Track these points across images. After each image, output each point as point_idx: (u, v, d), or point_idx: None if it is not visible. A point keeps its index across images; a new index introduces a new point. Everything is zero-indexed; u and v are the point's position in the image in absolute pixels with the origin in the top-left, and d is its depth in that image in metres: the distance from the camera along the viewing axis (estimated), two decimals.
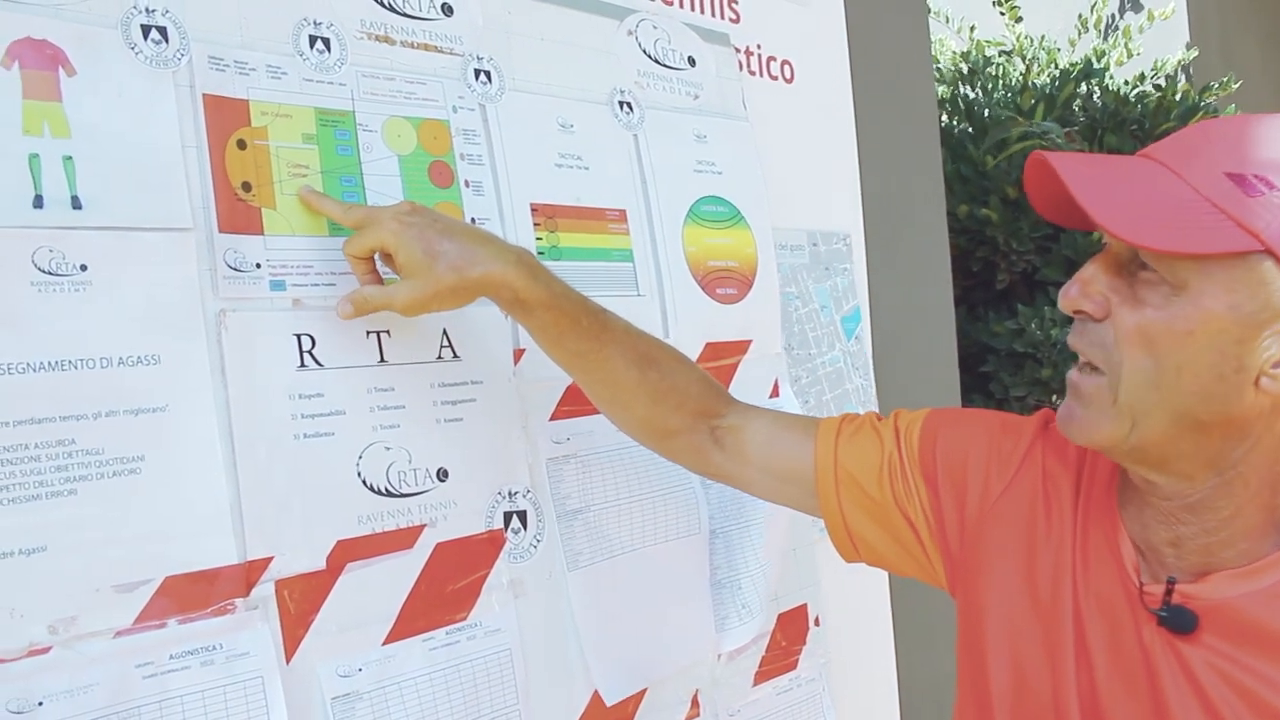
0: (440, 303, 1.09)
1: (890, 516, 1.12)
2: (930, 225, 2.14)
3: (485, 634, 1.21)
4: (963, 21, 3.74)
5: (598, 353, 1.16)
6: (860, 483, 1.12)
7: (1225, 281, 0.79)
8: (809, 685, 1.63)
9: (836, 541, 1.17)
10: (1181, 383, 0.82)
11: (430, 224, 1.08)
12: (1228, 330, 0.79)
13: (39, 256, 0.93)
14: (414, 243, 1.06)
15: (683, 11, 1.60)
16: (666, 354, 1.22)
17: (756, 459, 1.20)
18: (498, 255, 1.09)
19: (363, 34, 1.20)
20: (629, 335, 1.19)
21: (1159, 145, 0.85)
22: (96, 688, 0.93)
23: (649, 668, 1.38)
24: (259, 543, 1.04)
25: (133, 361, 0.98)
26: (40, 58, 0.96)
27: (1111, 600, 0.93)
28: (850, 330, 1.82)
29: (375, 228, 1.07)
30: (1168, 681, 0.88)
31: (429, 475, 1.18)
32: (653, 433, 1.24)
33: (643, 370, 1.18)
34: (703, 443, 1.22)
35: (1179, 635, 0.88)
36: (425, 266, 1.06)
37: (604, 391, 1.22)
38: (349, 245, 1.10)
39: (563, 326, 1.13)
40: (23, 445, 0.91)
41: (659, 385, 1.19)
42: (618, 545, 1.36)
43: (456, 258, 1.06)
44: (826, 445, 1.15)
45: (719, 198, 1.58)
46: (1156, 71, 3.66)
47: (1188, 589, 0.88)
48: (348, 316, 1.10)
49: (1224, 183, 0.79)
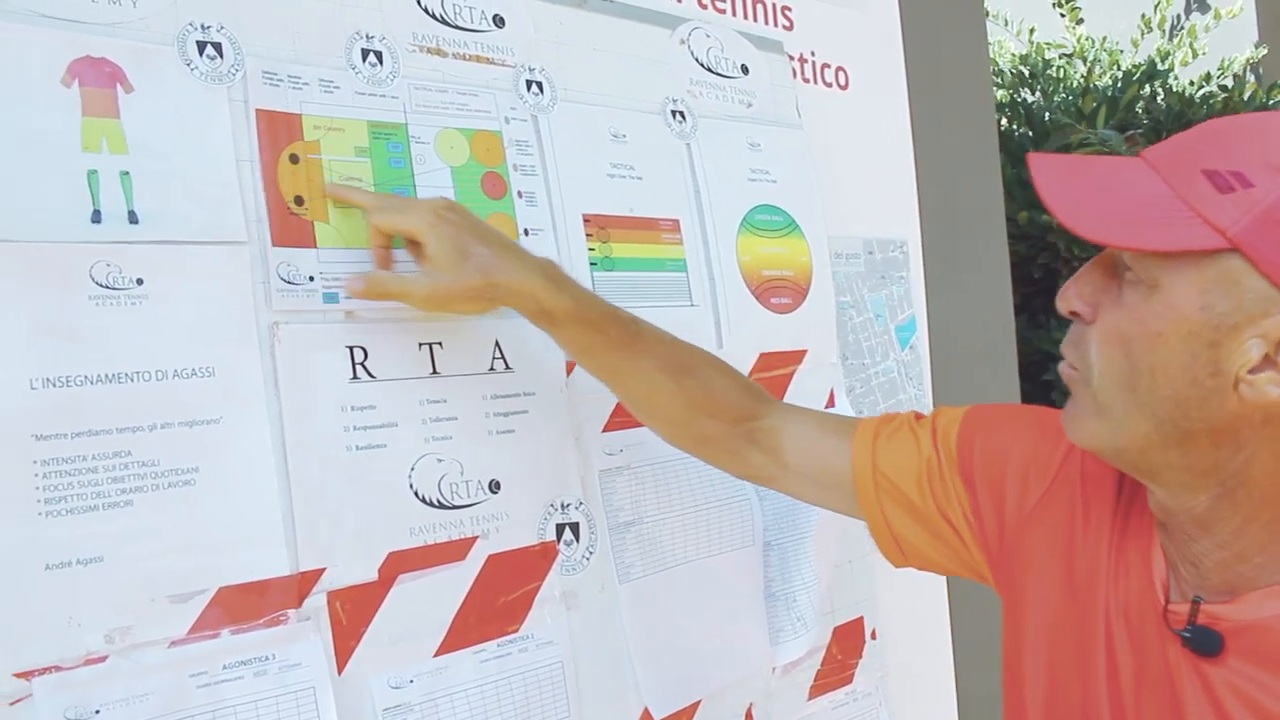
0: (460, 304, 1.09)
1: (932, 519, 1.10)
2: (989, 232, 2.11)
3: (537, 646, 1.20)
4: (1022, 24, 3.70)
5: (630, 363, 1.16)
6: (900, 487, 1.11)
7: (1197, 281, 0.76)
8: (865, 699, 1.61)
9: (882, 546, 1.15)
10: (1156, 386, 0.80)
11: (466, 225, 1.08)
12: (1198, 333, 0.77)
13: (96, 271, 0.95)
14: (448, 239, 1.06)
15: (735, 19, 1.59)
16: (702, 361, 1.21)
17: (794, 463, 1.18)
18: (525, 266, 1.09)
19: (414, 47, 1.20)
20: (662, 344, 1.18)
21: (1156, 146, 0.83)
22: (151, 696, 0.94)
23: (702, 681, 1.37)
24: (311, 554, 1.05)
25: (187, 374, 0.99)
26: (99, 75, 0.97)
27: (1140, 615, 0.91)
28: (905, 340, 1.80)
29: (411, 214, 1.07)
30: (1190, 704, 0.85)
31: (481, 487, 1.18)
32: (689, 439, 1.23)
33: (678, 379, 1.17)
34: (740, 445, 1.20)
35: (1203, 657, 0.85)
36: (454, 265, 1.06)
37: (639, 402, 1.21)
38: (378, 216, 1.09)
39: (591, 338, 1.13)
40: (80, 457, 0.92)
41: (694, 393, 1.17)
42: (671, 558, 1.35)
43: (486, 262, 1.07)
44: (864, 449, 1.13)
45: (773, 206, 1.57)
46: (1223, 71, 3.59)
47: (1216, 609, 0.85)
48: (357, 294, 1.09)
49: (1199, 180, 0.76)
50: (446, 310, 1.11)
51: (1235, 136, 0.79)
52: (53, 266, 0.92)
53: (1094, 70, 3.46)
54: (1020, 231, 2.88)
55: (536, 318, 1.12)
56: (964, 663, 1.87)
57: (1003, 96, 3.33)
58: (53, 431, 0.91)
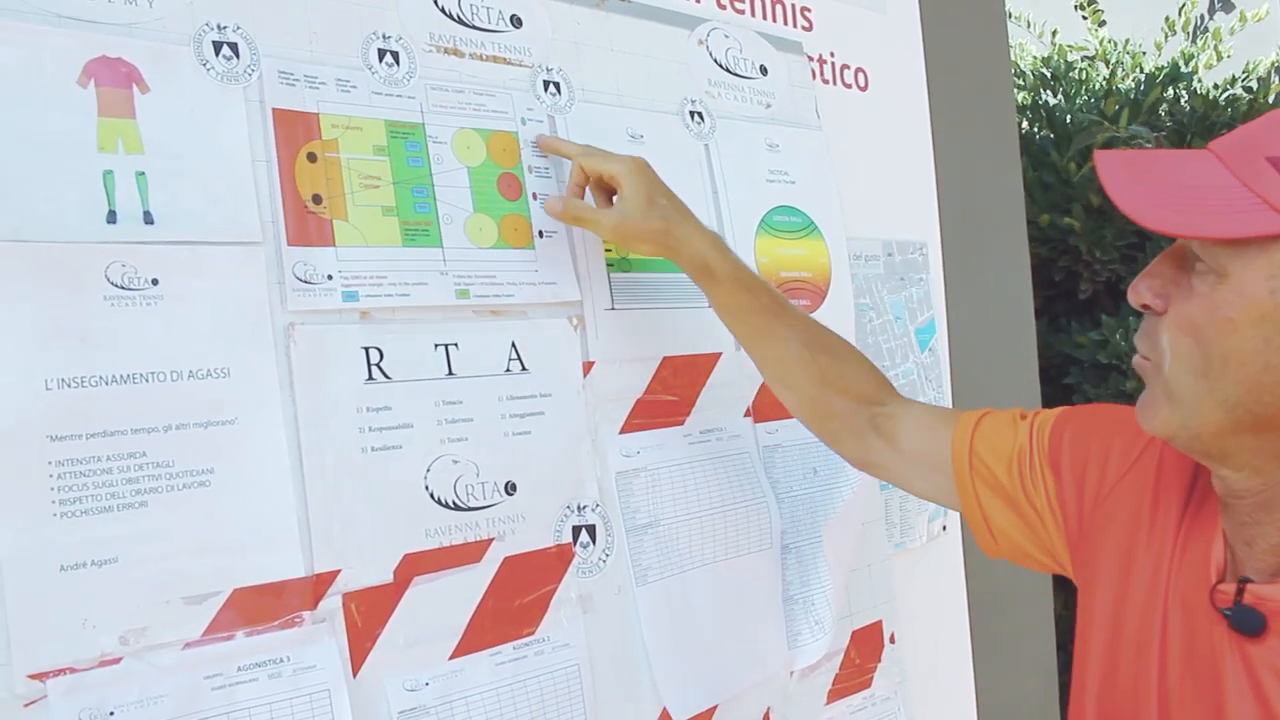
0: (638, 242, 1.23)
1: (1019, 502, 1.11)
2: (1009, 234, 2.09)
3: (553, 649, 1.20)
4: (1043, 25, 3.68)
5: (775, 331, 1.25)
6: (992, 469, 1.13)
7: (1265, 267, 0.77)
8: (884, 704, 1.60)
9: (976, 532, 1.17)
10: (1228, 372, 0.80)
11: (656, 180, 1.24)
12: (1270, 317, 0.77)
13: (112, 271, 0.94)
14: (641, 186, 1.21)
15: (754, 20, 1.59)
16: (839, 343, 1.29)
17: (907, 447, 1.22)
18: (698, 227, 1.24)
19: (431, 47, 1.20)
20: (804, 321, 1.28)
21: (1223, 137, 0.84)
22: (166, 698, 0.93)
23: (720, 684, 1.36)
24: (326, 556, 1.04)
25: (203, 374, 0.99)
26: (115, 75, 0.97)
27: (1194, 598, 0.91)
28: (924, 342, 1.78)
29: (613, 160, 1.23)
30: (1230, 684, 0.85)
31: (497, 489, 1.18)
32: (815, 413, 1.27)
33: (814, 353, 1.24)
34: (863, 427, 1.24)
35: (1246, 637, 0.85)
36: (642, 209, 1.20)
37: (775, 368, 1.27)
38: (585, 159, 1.24)
39: (744, 301, 1.24)
40: (95, 458, 0.92)
41: (828, 369, 1.25)
42: (688, 560, 1.34)
43: (668, 213, 1.22)
44: (964, 432, 1.16)
45: (792, 207, 1.56)
46: (1248, 74, 3.56)
47: (1262, 590, 0.85)
48: (554, 214, 1.24)
49: (1264, 167, 0.77)
50: (623, 244, 1.27)
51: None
52: (68, 267, 0.92)
53: (1116, 72, 3.44)
54: (1041, 234, 2.86)
55: (698, 273, 1.24)
56: (983, 667, 1.85)
57: (1024, 98, 3.30)
58: (67, 432, 0.91)
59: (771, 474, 1.46)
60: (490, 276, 1.20)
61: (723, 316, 1.27)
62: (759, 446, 1.46)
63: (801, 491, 1.48)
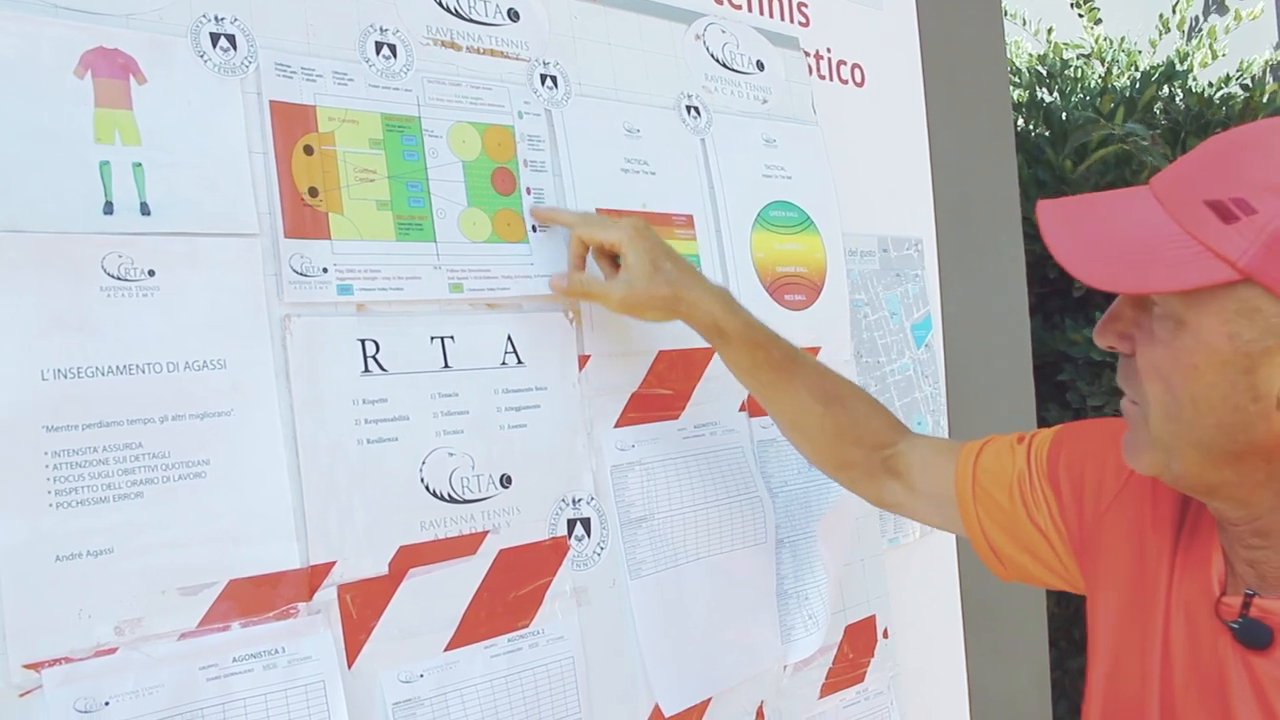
0: (647, 310, 1.21)
1: (1022, 527, 1.12)
2: (1004, 231, 2.10)
3: (548, 642, 1.20)
4: (1039, 23, 3.68)
5: (787, 385, 1.25)
6: (994, 495, 1.14)
7: (1219, 313, 0.77)
8: (877, 698, 1.60)
9: (983, 557, 1.18)
10: (1199, 416, 0.80)
11: (658, 243, 1.22)
12: (1232, 361, 0.77)
13: (109, 262, 0.95)
14: (645, 253, 1.19)
15: (751, 15, 1.59)
16: (850, 391, 1.29)
17: (918, 484, 1.24)
18: (706, 287, 1.22)
19: (428, 40, 1.20)
20: (816, 371, 1.28)
21: (1161, 174, 0.83)
22: (161, 689, 0.94)
23: (713, 678, 1.37)
24: (322, 547, 1.05)
25: (199, 366, 0.99)
26: (112, 66, 0.97)
27: (1196, 609, 0.92)
28: (921, 338, 1.79)
29: (613, 228, 1.20)
30: (1236, 697, 0.86)
31: (492, 481, 1.18)
32: (832, 464, 1.30)
33: (827, 405, 1.25)
34: (877, 471, 1.26)
35: (1252, 650, 0.85)
36: (648, 275, 1.18)
37: (790, 421, 1.29)
38: (584, 230, 1.22)
39: (757, 358, 1.24)
40: (91, 448, 0.92)
41: (841, 419, 1.25)
42: (682, 554, 1.35)
43: (675, 276, 1.20)
44: (966, 464, 1.18)
45: (788, 203, 1.56)
46: (1243, 73, 3.56)
47: (1268, 604, 0.85)
48: (561, 292, 1.23)
49: (1203, 211, 0.76)
50: (633, 314, 1.22)
51: (1233, 158, 0.78)
52: (65, 257, 0.92)
53: (1112, 70, 3.44)
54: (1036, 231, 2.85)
55: (709, 333, 1.23)
56: (976, 662, 1.86)
57: (1020, 96, 3.30)
58: (63, 423, 0.91)
59: (766, 468, 1.47)
60: (484, 271, 1.20)
61: (735, 373, 1.27)
62: (754, 441, 1.47)
63: (796, 486, 1.49)
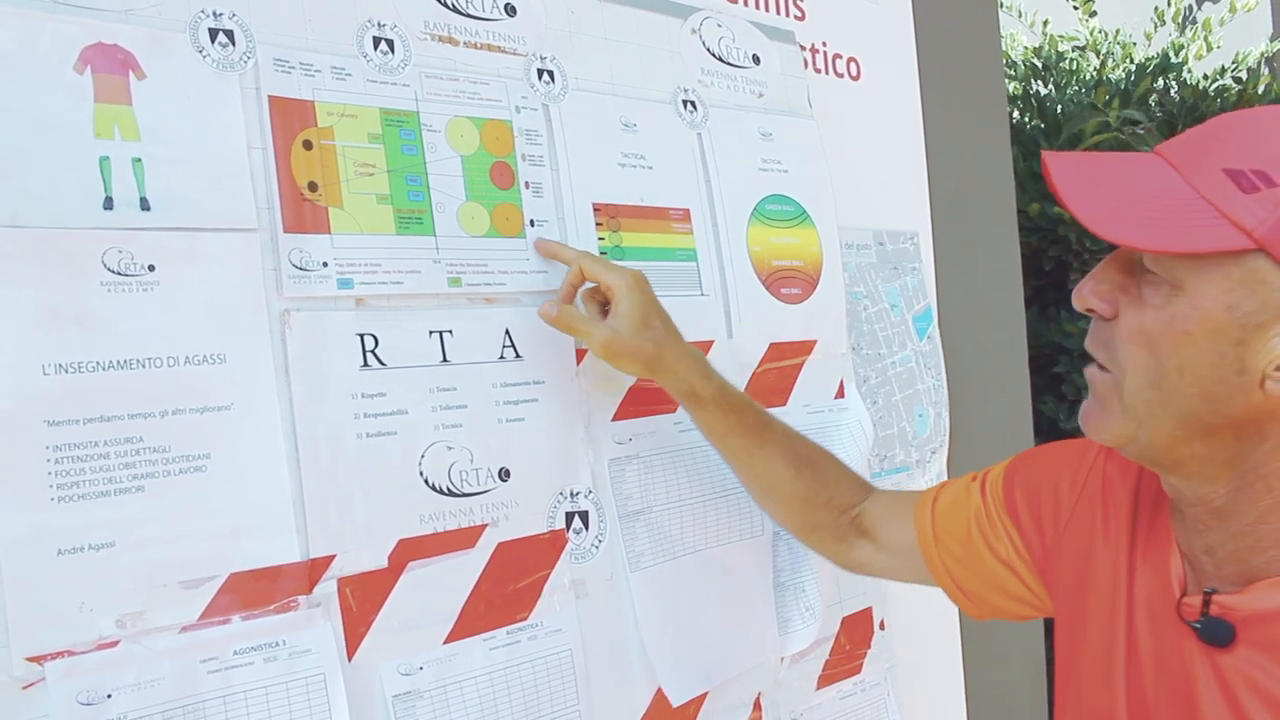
0: (625, 359, 1.19)
1: (986, 564, 1.13)
2: (1000, 224, 2.10)
3: (546, 634, 1.21)
4: (1035, 16, 3.68)
5: (758, 449, 1.25)
6: (954, 535, 1.15)
7: (1222, 281, 0.77)
8: (873, 689, 1.61)
9: (955, 601, 1.19)
10: (1183, 384, 0.80)
11: (653, 300, 1.21)
12: (1225, 331, 0.77)
13: (109, 257, 0.95)
14: (637, 305, 1.18)
15: (747, 9, 1.59)
16: (819, 454, 1.30)
17: (883, 539, 1.24)
18: (687, 351, 1.23)
19: (426, 35, 1.20)
20: (787, 435, 1.28)
21: (1171, 142, 0.83)
22: (163, 681, 0.94)
23: (711, 670, 1.37)
24: (322, 541, 1.05)
25: (199, 360, 0.99)
26: (111, 62, 0.98)
27: (1159, 611, 0.92)
28: (922, 330, 1.79)
29: (613, 273, 1.19)
30: (1204, 695, 0.86)
31: (491, 475, 1.19)
32: (802, 527, 1.30)
33: (798, 469, 1.26)
34: (845, 532, 1.27)
35: (1216, 648, 0.86)
36: (635, 328, 1.18)
37: (760, 485, 1.29)
38: (588, 264, 1.20)
39: (730, 423, 1.24)
40: (92, 443, 0.93)
41: (811, 483, 1.26)
42: (680, 546, 1.35)
43: (660, 335, 1.20)
44: (924, 508, 1.19)
45: (784, 196, 1.57)
46: (1238, 65, 3.57)
47: (1227, 600, 0.85)
48: (548, 320, 1.19)
49: (1221, 179, 0.77)
50: (610, 361, 1.20)
51: (1254, 133, 0.79)
52: (65, 253, 0.93)
53: (1107, 63, 3.44)
54: (1031, 224, 2.86)
55: (684, 396, 1.23)
56: (972, 654, 1.86)
57: (1015, 89, 3.31)
58: (65, 417, 0.92)
59: None
60: (482, 265, 1.20)
61: (708, 437, 1.28)
62: None
63: None
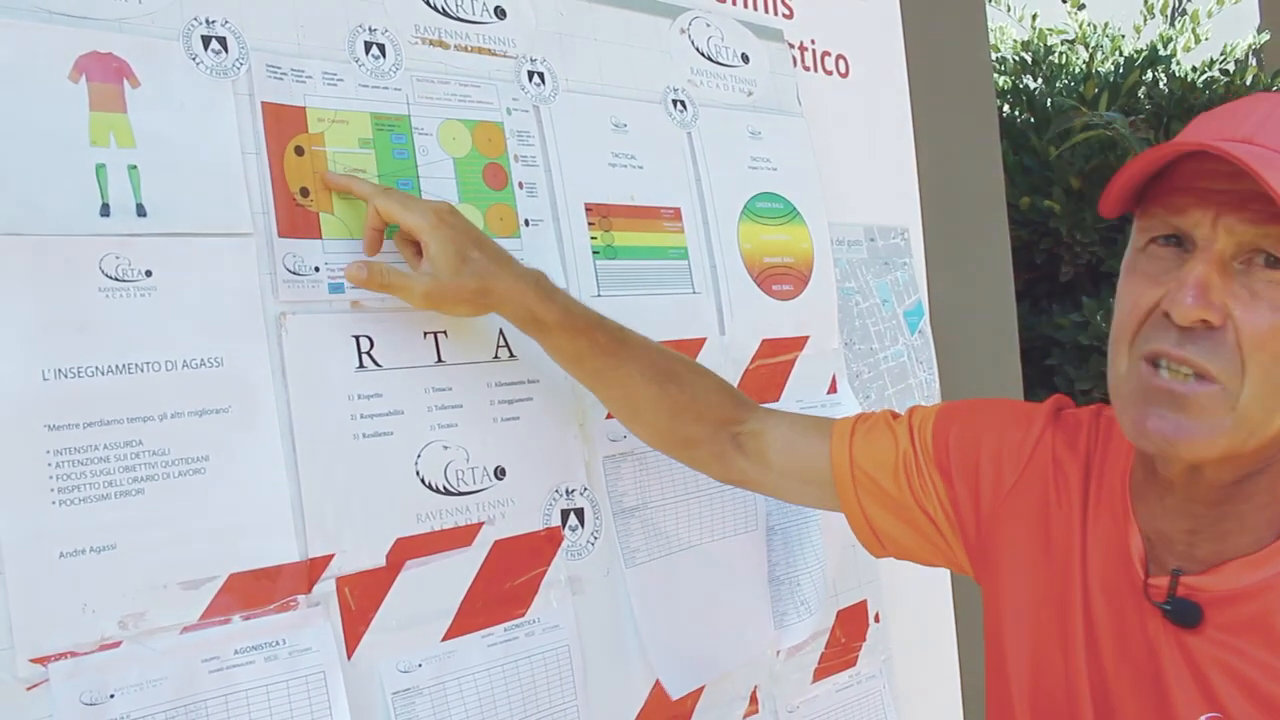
0: (454, 305, 1.11)
1: (910, 511, 1.12)
2: (990, 218, 2.12)
3: (543, 630, 1.22)
4: (1023, 9, 3.69)
5: (616, 370, 1.18)
6: (877, 480, 1.13)
7: None
8: (869, 682, 1.62)
9: (861, 538, 1.19)
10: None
11: (465, 230, 1.10)
12: None
13: (106, 263, 0.96)
14: (448, 242, 1.07)
15: (735, 8, 1.60)
16: (685, 367, 1.25)
17: (777, 462, 1.22)
18: (518, 275, 1.12)
19: (417, 39, 1.22)
20: (648, 351, 1.21)
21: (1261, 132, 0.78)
22: (165, 681, 0.95)
23: (708, 663, 1.39)
24: (320, 541, 1.06)
25: (197, 364, 1.00)
26: (106, 70, 0.99)
27: (1118, 592, 0.92)
28: (914, 324, 1.81)
29: (414, 211, 1.08)
30: (1171, 675, 0.87)
31: (487, 473, 1.20)
32: (675, 444, 1.26)
33: (662, 385, 1.19)
34: (725, 449, 1.23)
35: (1183, 628, 0.86)
36: (453, 267, 1.07)
37: (623, 408, 1.24)
38: (381, 201, 1.08)
39: (580, 345, 1.16)
40: (92, 446, 0.94)
41: (678, 398, 1.20)
42: (675, 542, 1.37)
43: (482, 267, 1.09)
44: (841, 445, 1.17)
45: (774, 194, 1.58)
46: (1226, 56, 3.58)
47: (1194, 581, 0.86)
48: (357, 282, 1.09)
49: None
50: (439, 309, 1.13)
51: None
52: (63, 259, 0.94)
53: (1096, 56, 3.46)
54: (1021, 217, 2.88)
55: (526, 324, 1.14)
56: (967, 645, 1.88)
57: (1004, 83, 3.33)
58: (65, 422, 0.93)
59: None
60: None
61: (560, 363, 1.19)
62: None
63: None
